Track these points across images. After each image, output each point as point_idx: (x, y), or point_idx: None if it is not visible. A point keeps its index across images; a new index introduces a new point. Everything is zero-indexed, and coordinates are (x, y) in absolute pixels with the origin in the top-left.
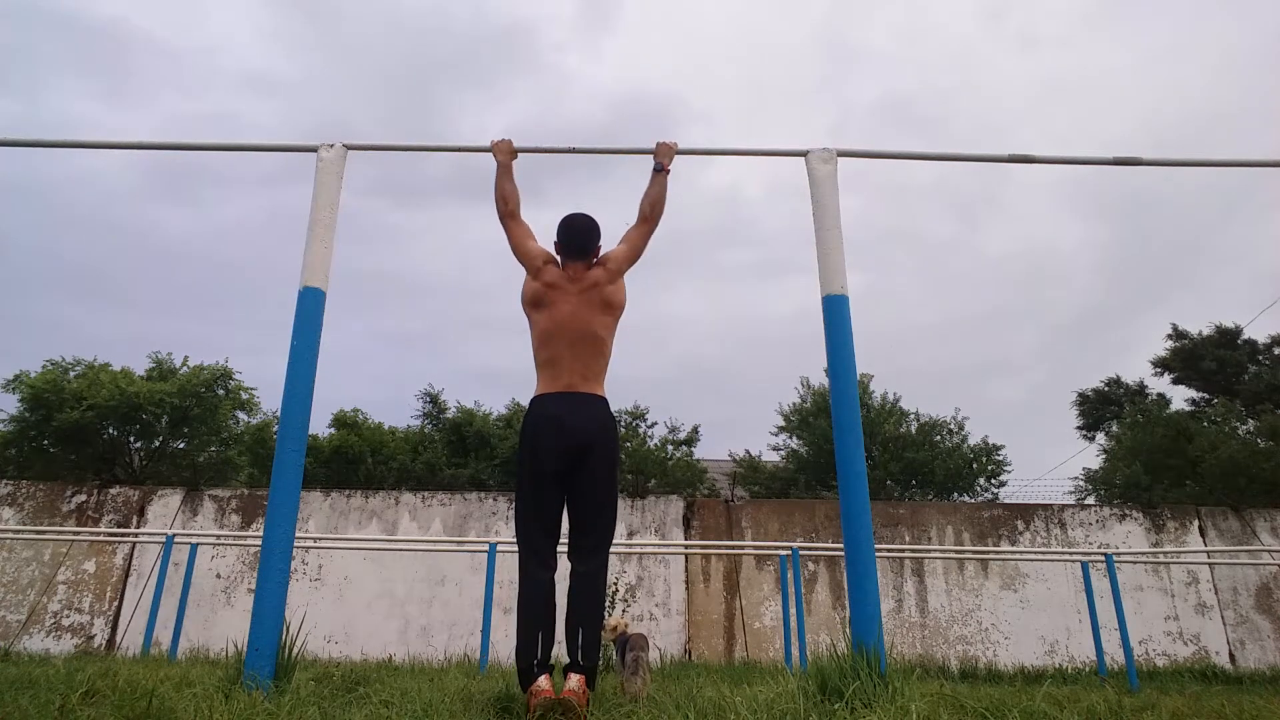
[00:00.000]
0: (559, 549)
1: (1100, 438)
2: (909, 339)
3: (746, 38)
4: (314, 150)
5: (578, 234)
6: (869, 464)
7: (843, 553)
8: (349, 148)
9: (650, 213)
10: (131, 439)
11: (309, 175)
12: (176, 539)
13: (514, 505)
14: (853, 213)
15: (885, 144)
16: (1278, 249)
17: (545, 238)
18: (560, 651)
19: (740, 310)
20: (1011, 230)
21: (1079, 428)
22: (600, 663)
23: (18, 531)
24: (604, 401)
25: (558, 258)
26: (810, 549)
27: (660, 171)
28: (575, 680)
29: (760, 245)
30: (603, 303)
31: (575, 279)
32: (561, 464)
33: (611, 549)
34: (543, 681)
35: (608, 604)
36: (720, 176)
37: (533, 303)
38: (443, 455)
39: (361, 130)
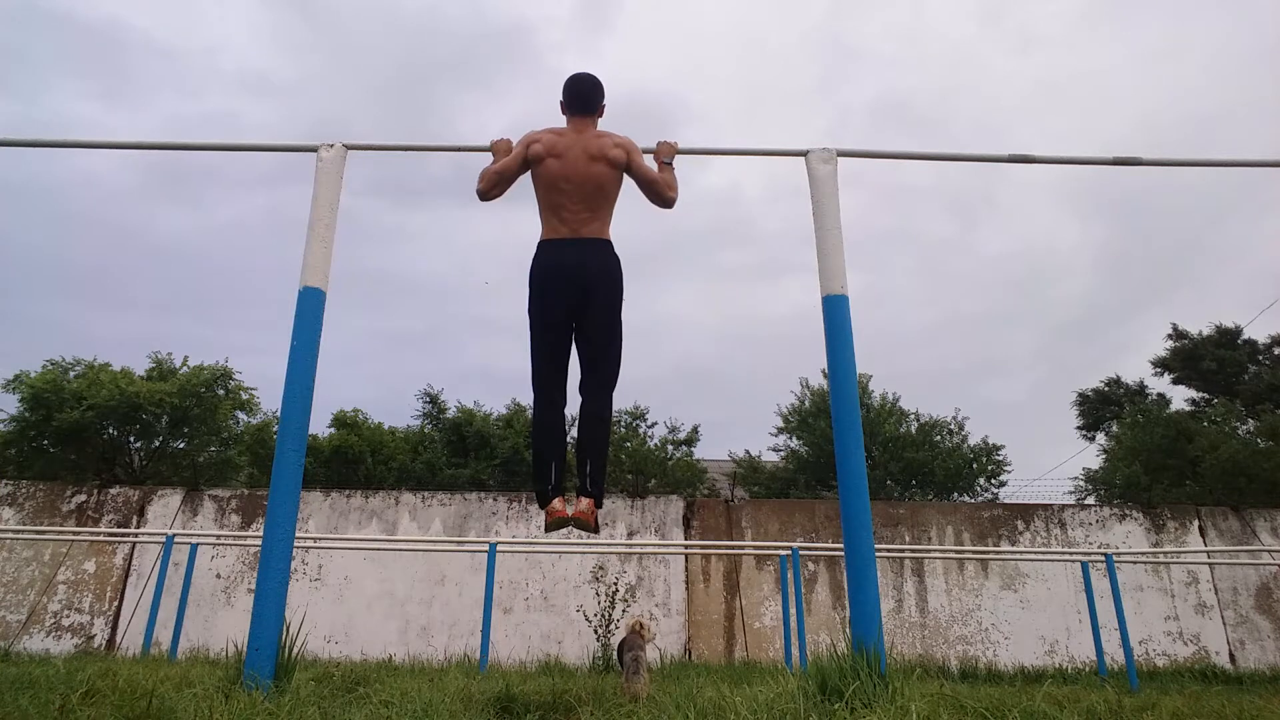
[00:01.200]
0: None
1: (1100, 438)
2: (908, 339)
3: (744, 38)
4: (314, 150)
5: (583, 88)
6: (869, 464)
7: (843, 553)
8: (349, 148)
9: (663, 185)
10: (131, 439)
11: (307, 175)
12: (176, 539)
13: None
14: (851, 213)
15: (883, 144)
16: (1274, 248)
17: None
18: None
19: (740, 310)
20: (1010, 230)
21: (1079, 428)
22: (606, 477)
23: (18, 531)
24: (608, 244)
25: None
26: (810, 549)
27: (666, 164)
28: (585, 503)
29: (759, 246)
30: (602, 153)
31: (580, 130)
32: (568, 306)
33: (611, 548)
34: (556, 503)
35: (608, 605)
36: (719, 177)
37: (538, 157)
38: (443, 455)
39: (360, 131)
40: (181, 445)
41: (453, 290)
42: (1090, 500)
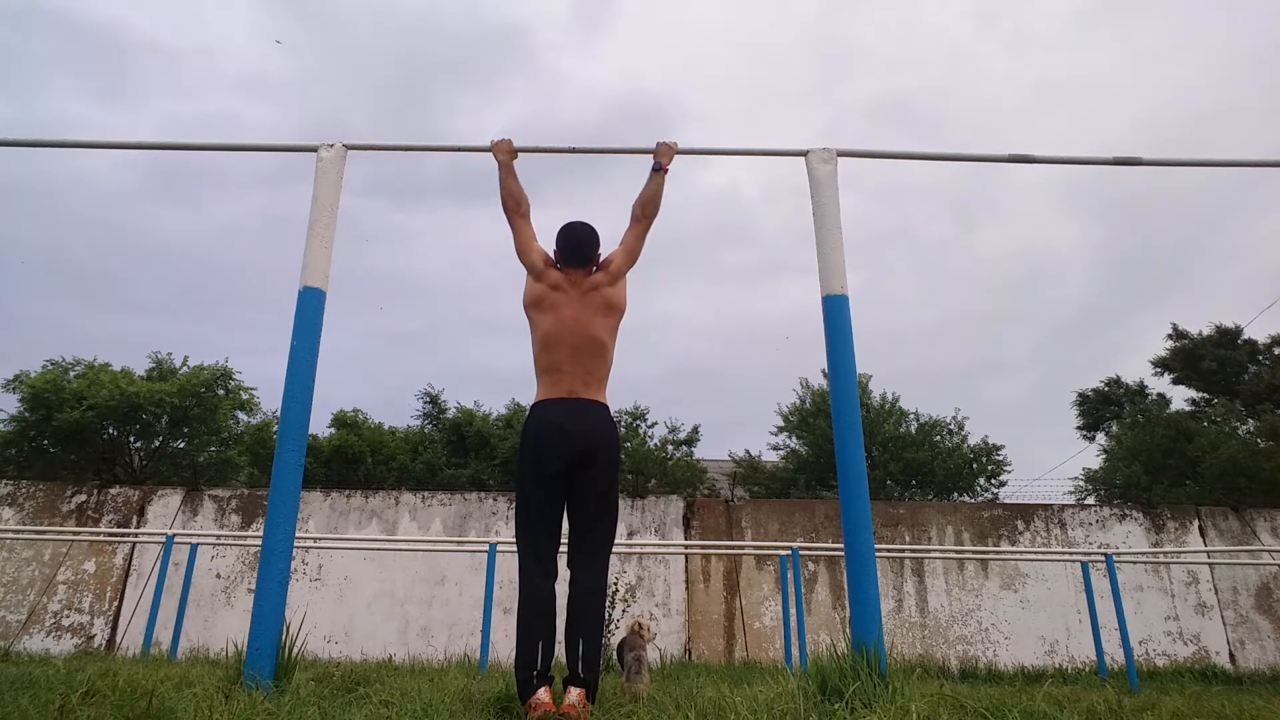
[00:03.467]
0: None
1: (1100, 438)
2: (907, 339)
3: (742, 38)
4: (314, 150)
5: (578, 242)
6: (869, 464)
7: (843, 553)
8: (349, 147)
9: (642, 213)
10: (131, 439)
11: (305, 175)
12: (176, 539)
13: (514, 511)
14: (849, 213)
15: (882, 144)
16: (1273, 248)
17: (545, 240)
18: (560, 656)
19: (739, 310)
20: (1008, 231)
21: (1079, 428)
22: (602, 664)
23: (18, 531)
24: (606, 408)
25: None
26: (810, 549)
27: (658, 171)
28: (575, 694)
29: (758, 246)
30: (605, 305)
31: (576, 283)
32: (563, 471)
33: (613, 550)
34: (542, 694)
35: (608, 604)
36: (717, 177)
37: (535, 305)
38: (443, 455)
39: (358, 131)
40: (181, 445)
41: (452, 290)
42: (1090, 500)
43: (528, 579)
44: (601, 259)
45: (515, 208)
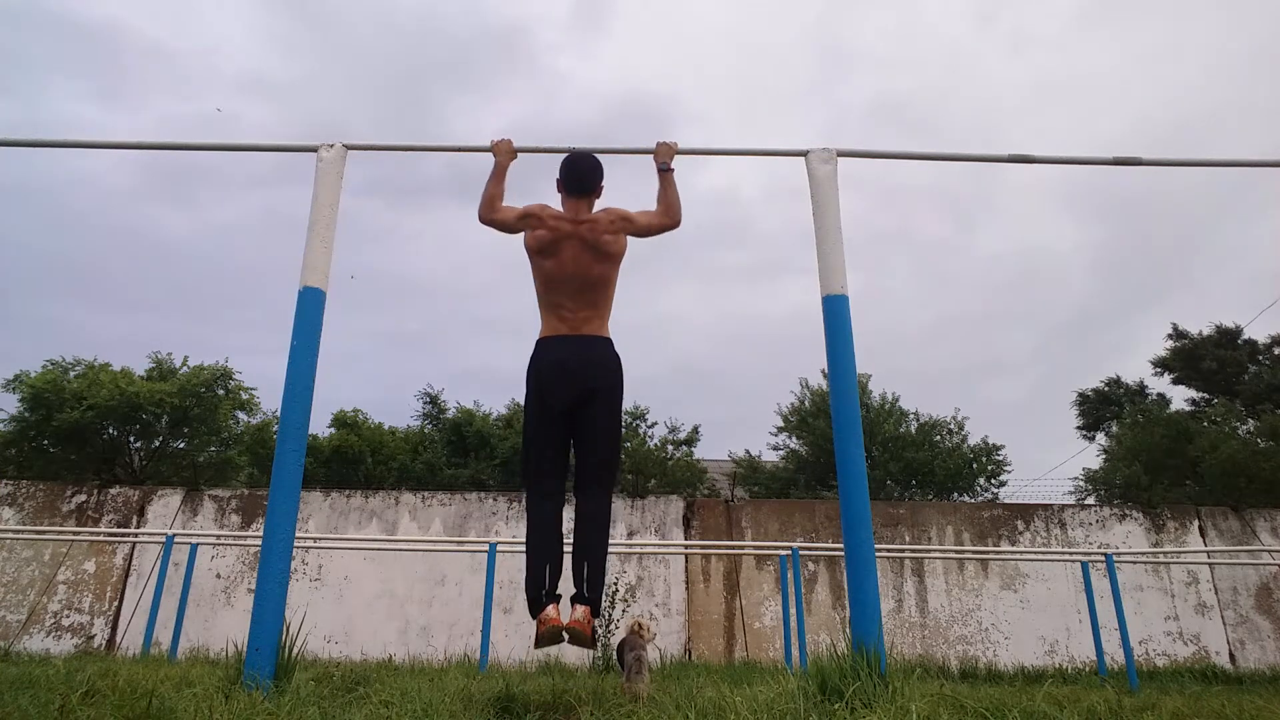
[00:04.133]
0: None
1: (1100, 438)
2: (906, 339)
3: (740, 39)
4: (314, 150)
5: (580, 172)
6: (869, 464)
7: (843, 553)
8: (349, 148)
9: (667, 215)
10: (131, 439)
11: (303, 176)
12: (176, 539)
13: (522, 443)
14: (848, 213)
15: (881, 145)
16: (1273, 248)
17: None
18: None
19: (739, 310)
20: (1006, 231)
21: (1079, 428)
22: (605, 583)
23: (18, 531)
24: (608, 342)
25: (551, 206)
26: (810, 549)
27: (666, 171)
28: (580, 611)
29: (757, 246)
30: (602, 248)
31: (577, 219)
32: (567, 405)
33: (611, 548)
34: (551, 610)
35: (607, 604)
36: (716, 178)
37: (535, 249)
38: (443, 455)
39: (356, 131)
40: (181, 445)
41: (451, 291)
42: (1090, 500)
43: (535, 507)
44: (616, 206)
45: (489, 212)
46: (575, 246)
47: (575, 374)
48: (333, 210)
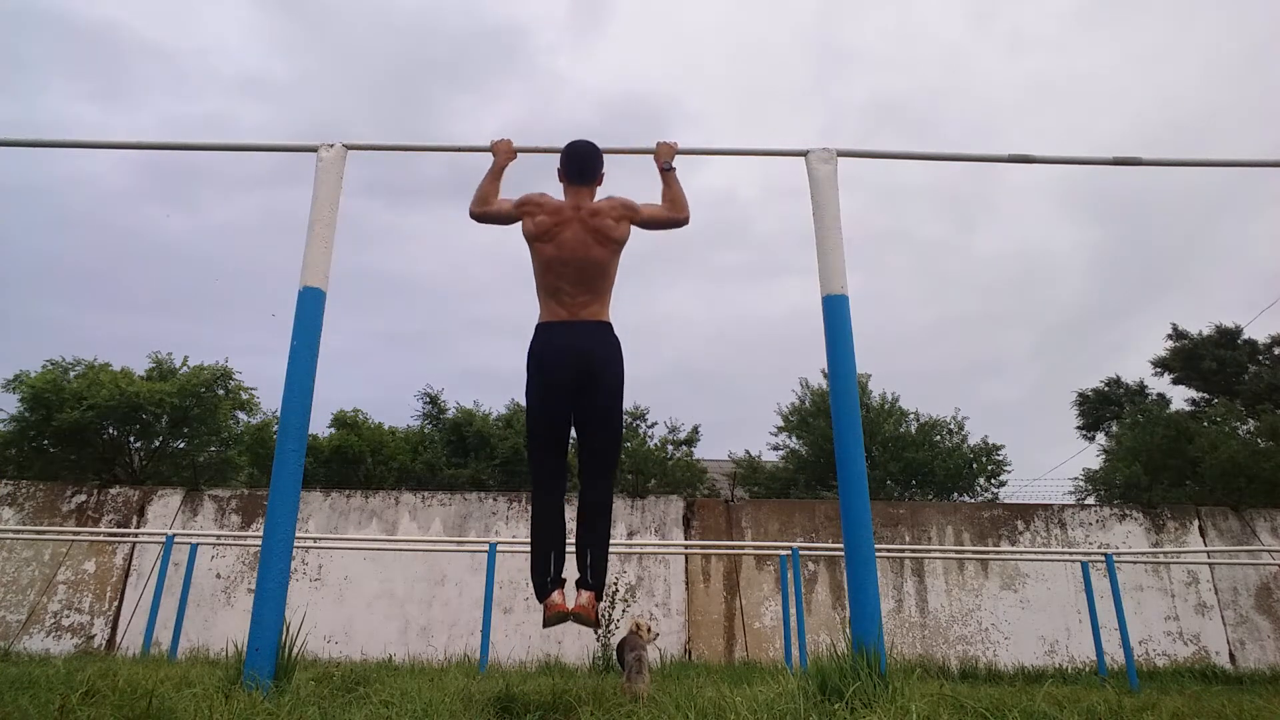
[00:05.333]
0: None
1: (1100, 438)
2: (905, 339)
3: (738, 40)
4: (314, 150)
5: (581, 159)
6: (869, 464)
7: (843, 553)
8: (349, 147)
9: (674, 210)
10: (131, 439)
11: (301, 176)
12: (176, 539)
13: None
14: (846, 214)
15: (879, 145)
16: (1270, 248)
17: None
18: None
19: (739, 310)
20: (1004, 231)
21: (1079, 428)
22: (608, 568)
23: (18, 531)
24: (608, 326)
25: (550, 194)
26: (810, 549)
27: (669, 170)
28: (585, 596)
29: (755, 246)
30: (603, 233)
31: (577, 206)
32: (568, 391)
33: (611, 548)
34: (556, 596)
35: (608, 605)
36: (714, 178)
37: (535, 234)
38: (443, 455)
39: (355, 132)
40: (181, 445)
41: (450, 291)
42: (1090, 500)
43: (538, 495)
44: (624, 199)
45: (481, 205)
46: (576, 230)
47: (576, 357)
48: (333, 210)
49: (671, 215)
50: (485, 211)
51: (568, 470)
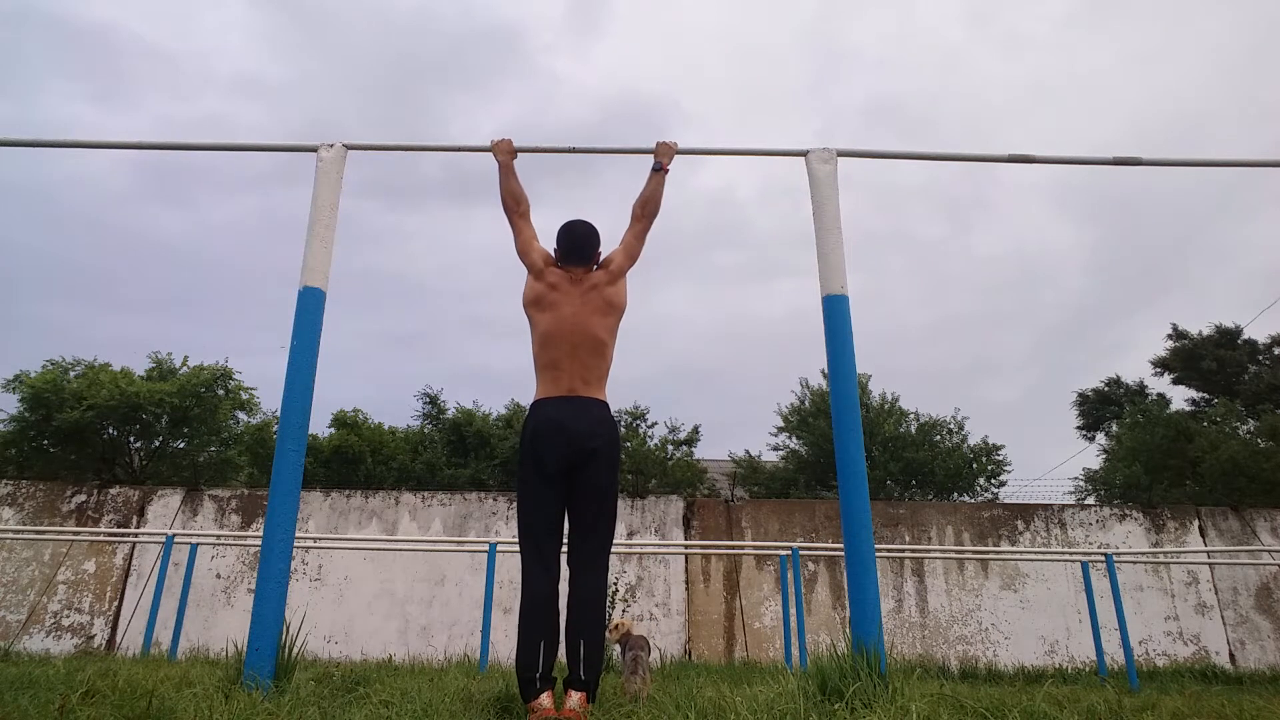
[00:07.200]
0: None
1: (1100, 438)
2: (904, 339)
3: (735, 40)
4: (314, 150)
5: (578, 240)
6: (869, 464)
7: (843, 553)
8: (349, 147)
9: (642, 212)
10: (131, 439)
11: (299, 176)
12: (176, 539)
13: (515, 511)
14: (844, 214)
15: (878, 145)
16: (1268, 248)
17: (545, 240)
18: (562, 658)
19: (738, 310)
20: (1003, 232)
21: (1079, 428)
22: (603, 665)
23: (18, 531)
24: (605, 406)
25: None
26: (810, 549)
27: (658, 171)
28: (576, 699)
29: (753, 247)
30: (604, 304)
31: (576, 281)
32: (563, 469)
33: (612, 550)
34: (545, 699)
35: (607, 604)
36: (711, 179)
37: (535, 303)
38: (443, 455)
39: (352, 132)
40: (181, 445)
41: (449, 291)
42: (1090, 500)
43: (529, 580)
44: (602, 258)
45: (515, 207)
46: (575, 304)
47: (573, 434)
48: (333, 210)
49: (639, 230)
50: (516, 222)
51: (561, 555)
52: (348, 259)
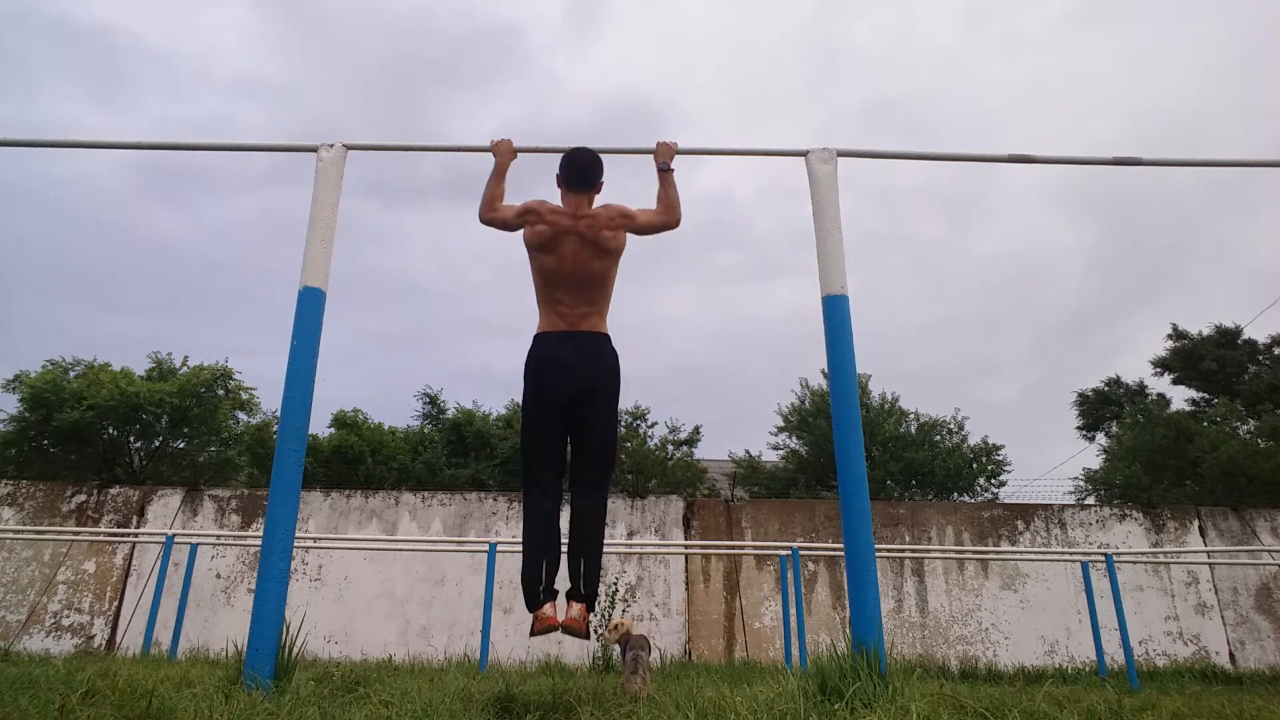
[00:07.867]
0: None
1: (1100, 438)
2: (904, 339)
3: (734, 40)
4: (314, 150)
5: (580, 167)
6: (869, 464)
7: (843, 553)
8: (349, 148)
9: (667, 214)
10: (131, 439)
11: (299, 176)
12: (176, 539)
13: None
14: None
15: (877, 145)
16: (1266, 248)
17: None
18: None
19: (738, 310)
20: (1002, 232)
21: (1079, 428)
22: (600, 580)
23: (18, 531)
24: (606, 338)
25: (550, 201)
26: (810, 549)
27: (666, 171)
28: (576, 609)
29: (752, 247)
30: (601, 245)
31: (576, 214)
32: (565, 401)
33: (611, 548)
34: (547, 609)
35: (607, 604)
36: (710, 179)
37: (535, 244)
38: (442, 455)
39: (351, 132)
40: (181, 445)
41: (448, 291)
42: (1090, 500)
43: (532, 504)
44: (620, 206)
45: (489, 210)
46: (575, 242)
47: (574, 370)
48: (333, 210)
49: (665, 220)
50: (493, 218)
51: (564, 480)
52: (347, 259)
